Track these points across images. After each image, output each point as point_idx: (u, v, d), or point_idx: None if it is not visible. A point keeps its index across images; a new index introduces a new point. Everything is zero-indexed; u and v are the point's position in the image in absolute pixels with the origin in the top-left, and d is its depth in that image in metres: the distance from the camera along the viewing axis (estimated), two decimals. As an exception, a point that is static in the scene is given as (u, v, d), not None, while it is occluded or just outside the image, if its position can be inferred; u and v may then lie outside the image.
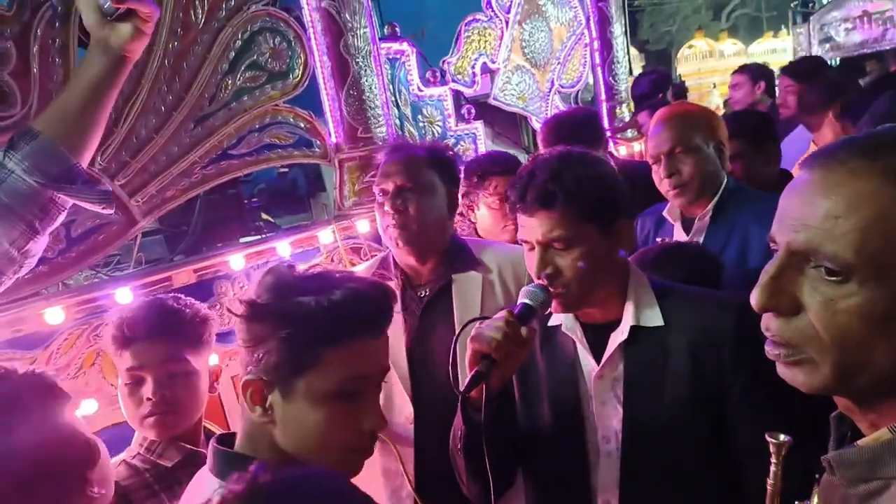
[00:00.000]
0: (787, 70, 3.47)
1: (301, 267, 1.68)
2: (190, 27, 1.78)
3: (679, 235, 1.81)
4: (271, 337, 0.86)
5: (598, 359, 1.19)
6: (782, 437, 0.81)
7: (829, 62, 9.54)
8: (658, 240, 1.78)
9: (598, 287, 1.17)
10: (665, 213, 1.88)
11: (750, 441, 0.88)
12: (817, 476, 0.74)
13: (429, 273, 1.64)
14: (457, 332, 1.28)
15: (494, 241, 1.88)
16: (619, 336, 1.17)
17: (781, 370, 0.67)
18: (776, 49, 12.48)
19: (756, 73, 4.17)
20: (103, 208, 1.17)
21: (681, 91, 3.96)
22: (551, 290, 1.14)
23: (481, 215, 2.06)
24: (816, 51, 9.26)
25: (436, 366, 1.53)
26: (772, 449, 0.81)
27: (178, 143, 1.79)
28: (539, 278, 1.15)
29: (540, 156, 1.20)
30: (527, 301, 1.13)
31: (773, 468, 0.82)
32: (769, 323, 0.66)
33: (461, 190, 2.06)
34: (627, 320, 1.17)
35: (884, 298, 0.58)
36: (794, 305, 0.63)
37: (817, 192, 0.61)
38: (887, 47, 8.23)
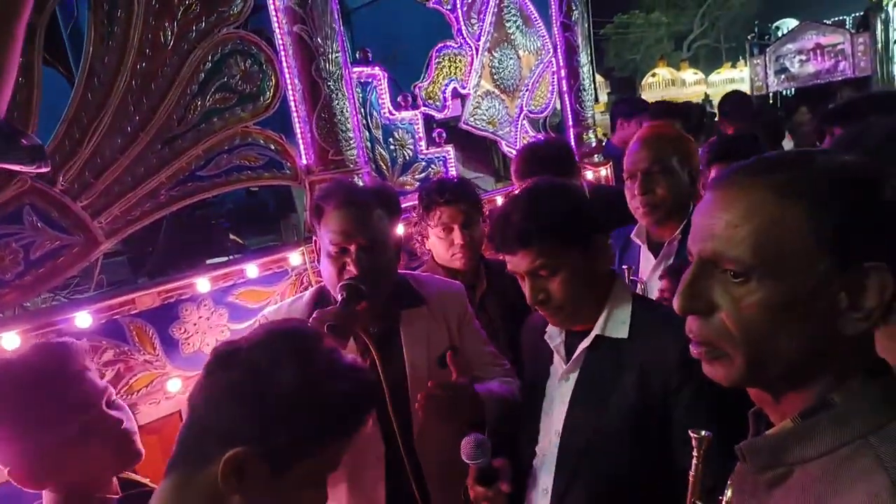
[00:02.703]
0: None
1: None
2: (159, 48, 1.77)
3: (646, 257, 1.84)
4: (291, 419, 0.81)
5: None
6: (703, 432, 0.88)
7: (784, 91, 9.96)
8: (624, 267, 1.77)
9: (588, 301, 1.27)
10: (633, 236, 1.89)
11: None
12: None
13: (376, 310, 1.57)
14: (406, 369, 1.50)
15: (429, 275, 1.85)
16: (584, 343, 1.27)
17: (705, 368, 0.74)
18: (734, 79, 12.99)
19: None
20: (37, 167, 0.97)
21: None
22: (543, 313, 1.27)
23: (432, 243, 2.04)
24: (772, 81, 9.66)
25: (396, 402, 1.51)
26: (694, 443, 0.88)
27: (145, 164, 1.76)
28: (533, 305, 1.27)
29: (512, 197, 1.32)
30: (478, 462, 1.25)
31: (694, 461, 0.89)
32: (692, 325, 0.73)
33: (414, 219, 2.07)
34: (595, 329, 1.26)
35: (780, 292, 0.65)
36: (709, 307, 0.70)
37: (719, 207, 0.70)
38: (839, 78, 8.64)
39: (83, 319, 1.64)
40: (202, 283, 1.87)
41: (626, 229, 1.93)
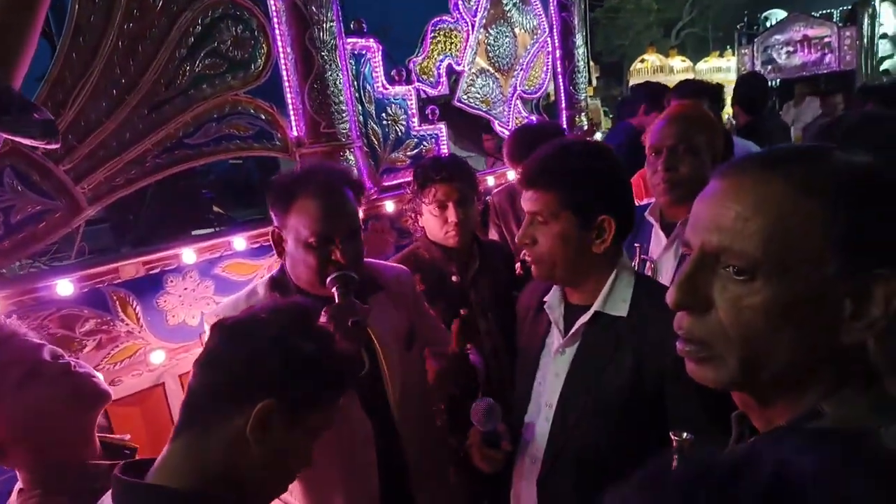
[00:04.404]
0: None
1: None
2: (147, 9, 1.71)
3: (657, 237, 1.82)
4: (309, 376, 0.91)
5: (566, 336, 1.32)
6: (685, 434, 0.86)
7: (770, 82, 10.02)
8: (636, 245, 1.77)
9: (572, 271, 1.28)
10: (647, 214, 1.86)
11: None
12: None
13: None
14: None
15: (378, 261, 1.80)
16: (583, 318, 1.28)
17: (690, 367, 0.70)
18: (721, 68, 13.02)
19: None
20: (47, 143, 0.98)
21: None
22: (528, 262, 1.31)
23: (426, 220, 2.03)
24: (759, 71, 9.71)
25: (373, 382, 1.52)
26: (674, 445, 0.87)
27: (131, 129, 1.70)
28: (520, 245, 1.31)
29: (554, 141, 1.34)
30: (487, 429, 1.30)
31: (675, 463, 0.86)
32: (682, 321, 0.69)
33: (407, 195, 2.05)
34: (595, 305, 1.27)
35: (784, 293, 0.62)
36: (705, 304, 0.66)
37: (728, 197, 0.65)
38: (824, 71, 8.72)
39: (64, 287, 1.60)
40: (188, 254, 1.83)
41: (641, 207, 1.87)
